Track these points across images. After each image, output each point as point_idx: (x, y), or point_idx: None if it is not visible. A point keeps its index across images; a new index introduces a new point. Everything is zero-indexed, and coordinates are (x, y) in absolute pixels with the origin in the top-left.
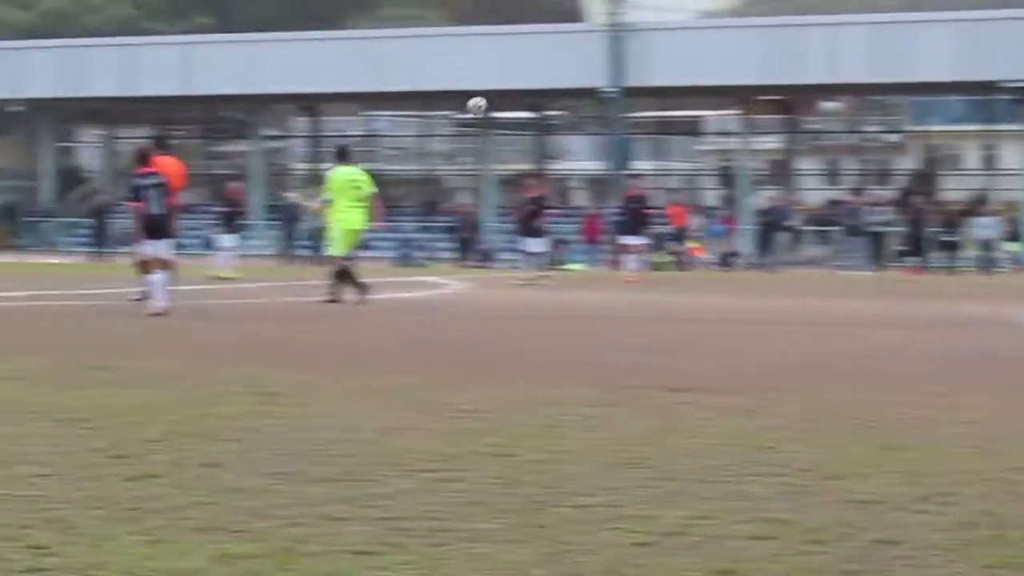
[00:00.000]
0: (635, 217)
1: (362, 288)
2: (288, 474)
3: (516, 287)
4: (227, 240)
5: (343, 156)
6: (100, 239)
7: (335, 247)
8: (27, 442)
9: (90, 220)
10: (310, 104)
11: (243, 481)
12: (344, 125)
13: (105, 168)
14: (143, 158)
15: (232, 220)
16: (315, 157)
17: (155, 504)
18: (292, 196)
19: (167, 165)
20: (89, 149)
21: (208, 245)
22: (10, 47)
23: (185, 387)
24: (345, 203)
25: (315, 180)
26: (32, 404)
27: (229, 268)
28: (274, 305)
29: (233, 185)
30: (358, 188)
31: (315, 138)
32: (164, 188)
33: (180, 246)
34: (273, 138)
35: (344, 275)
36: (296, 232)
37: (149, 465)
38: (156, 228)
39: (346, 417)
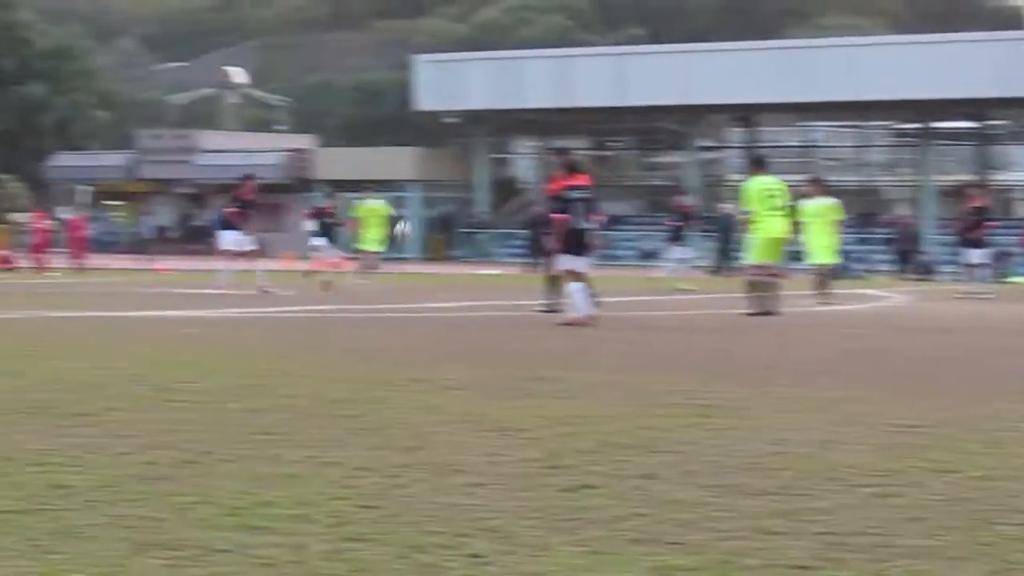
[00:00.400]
0: None
1: (770, 301)
2: (725, 487)
3: (957, 300)
4: (677, 252)
5: (758, 165)
6: (535, 250)
7: (753, 256)
8: (463, 451)
9: (525, 231)
10: (745, 114)
11: (679, 493)
12: (780, 135)
13: (539, 179)
14: (570, 171)
15: (681, 232)
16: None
17: (591, 515)
18: (728, 207)
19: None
20: (523, 160)
21: (647, 256)
22: (446, 59)
23: (618, 398)
24: (764, 212)
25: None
26: (467, 414)
27: (685, 278)
28: (706, 317)
29: (681, 198)
30: (774, 197)
31: (750, 148)
32: (590, 203)
33: (615, 257)
34: (708, 149)
35: (760, 285)
36: (732, 243)
37: (585, 476)
38: (578, 243)
39: (782, 430)
